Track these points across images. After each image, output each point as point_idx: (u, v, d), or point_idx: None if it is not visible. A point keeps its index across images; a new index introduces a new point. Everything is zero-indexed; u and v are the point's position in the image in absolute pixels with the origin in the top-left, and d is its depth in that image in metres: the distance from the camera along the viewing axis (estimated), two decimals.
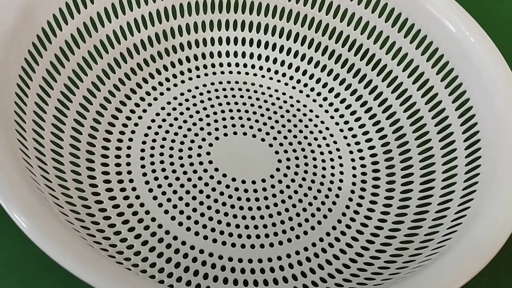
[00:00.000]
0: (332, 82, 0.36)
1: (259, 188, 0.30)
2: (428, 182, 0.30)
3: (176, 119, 0.33)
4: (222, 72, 0.36)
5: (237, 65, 0.36)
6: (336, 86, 0.36)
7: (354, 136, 0.34)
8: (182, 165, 0.31)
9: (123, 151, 0.30)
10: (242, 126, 0.33)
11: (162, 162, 0.30)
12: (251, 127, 0.33)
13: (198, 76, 0.35)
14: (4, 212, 0.20)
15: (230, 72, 0.36)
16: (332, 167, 0.32)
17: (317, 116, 0.35)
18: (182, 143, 0.32)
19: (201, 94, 0.34)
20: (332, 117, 0.35)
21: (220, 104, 0.34)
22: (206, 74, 0.35)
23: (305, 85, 0.36)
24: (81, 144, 0.29)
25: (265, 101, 0.35)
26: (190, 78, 0.35)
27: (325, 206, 0.30)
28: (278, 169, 0.31)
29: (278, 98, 0.35)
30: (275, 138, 0.33)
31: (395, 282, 0.23)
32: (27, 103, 0.25)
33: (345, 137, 0.34)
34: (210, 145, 0.32)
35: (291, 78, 0.36)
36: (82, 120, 0.30)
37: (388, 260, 0.27)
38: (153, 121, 0.32)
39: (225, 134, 0.33)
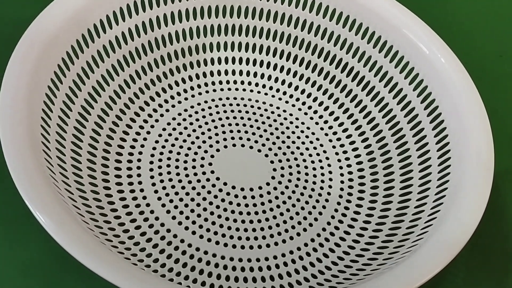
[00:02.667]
0: (322, 97, 0.39)
1: (256, 194, 0.34)
2: (407, 188, 0.33)
3: (180, 133, 0.36)
4: (222, 89, 0.39)
5: (235, 82, 0.40)
6: (325, 100, 0.39)
7: (342, 145, 0.37)
8: (187, 175, 0.34)
9: (133, 163, 0.34)
10: (240, 138, 0.37)
11: (169, 173, 0.34)
12: (248, 139, 0.37)
13: (200, 94, 0.39)
14: (30, 220, 0.23)
15: (229, 89, 0.39)
16: (322, 174, 0.36)
17: (308, 128, 0.38)
18: (186, 155, 0.35)
19: (202, 110, 0.38)
20: (322, 129, 0.38)
21: (220, 119, 0.37)
22: (207, 92, 0.39)
23: (297, 99, 0.40)
24: (97, 158, 0.33)
25: (261, 115, 0.38)
26: (193, 96, 0.38)
27: (316, 210, 0.34)
28: (273, 177, 0.35)
29: (272, 112, 0.39)
30: (270, 149, 0.36)
31: (375, 276, 0.27)
32: (51, 125, 0.29)
33: (334, 147, 0.37)
34: (212, 156, 0.35)
35: (284, 93, 0.40)
36: (97, 137, 0.33)
37: (371, 258, 0.30)
38: (160, 135, 0.36)
39: (225, 146, 0.36)
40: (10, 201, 0.30)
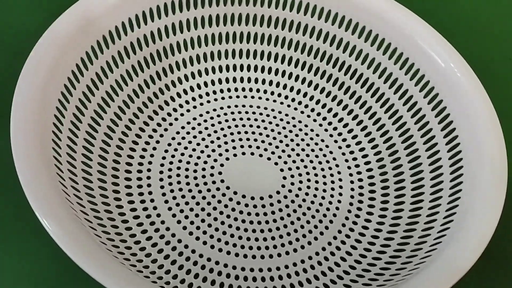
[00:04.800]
0: (330, 103, 0.39)
1: (266, 203, 0.34)
2: (418, 197, 0.33)
3: (190, 142, 0.36)
4: (230, 97, 0.39)
5: (243, 89, 0.40)
6: (334, 107, 0.39)
7: (351, 152, 0.37)
8: (197, 185, 0.34)
9: (143, 173, 0.34)
10: (250, 146, 0.37)
11: (179, 182, 0.34)
12: (257, 147, 0.37)
13: (208, 102, 0.39)
14: (40, 234, 0.23)
15: (237, 97, 0.39)
16: (332, 182, 0.36)
17: (317, 135, 0.38)
18: (196, 164, 0.35)
19: (211, 118, 0.38)
20: (331, 135, 0.38)
21: (229, 127, 0.37)
22: (215, 99, 0.39)
23: (306, 106, 0.39)
24: (107, 169, 0.33)
25: (270, 123, 0.38)
26: (201, 104, 0.38)
27: (326, 218, 0.34)
28: (283, 186, 0.35)
29: (281, 119, 0.39)
30: (280, 157, 0.36)
31: None
32: (61, 138, 0.29)
33: (343, 154, 0.37)
34: (222, 165, 0.35)
35: (293, 100, 0.40)
36: (107, 148, 0.33)
37: (377, 273, 0.30)
38: (169, 144, 0.36)
39: (235, 155, 0.36)
40: (21, 215, 0.30)
